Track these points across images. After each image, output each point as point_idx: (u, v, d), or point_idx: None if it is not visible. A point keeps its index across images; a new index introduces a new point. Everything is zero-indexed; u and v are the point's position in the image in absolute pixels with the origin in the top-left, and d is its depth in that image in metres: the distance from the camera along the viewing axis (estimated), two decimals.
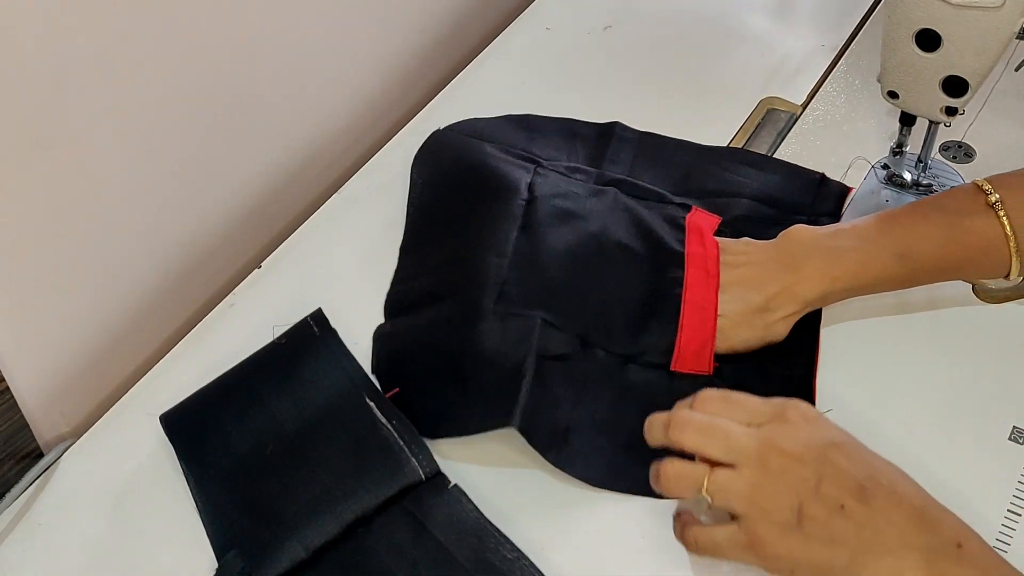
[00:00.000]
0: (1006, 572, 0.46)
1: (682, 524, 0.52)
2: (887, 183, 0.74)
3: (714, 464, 0.50)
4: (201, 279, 0.77)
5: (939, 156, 0.76)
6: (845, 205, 0.73)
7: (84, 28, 0.60)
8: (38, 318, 0.65)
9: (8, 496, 0.62)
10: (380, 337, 0.67)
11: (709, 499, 0.49)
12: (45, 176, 0.61)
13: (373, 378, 0.64)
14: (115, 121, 0.64)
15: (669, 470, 0.51)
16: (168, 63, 0.67)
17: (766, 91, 0.84)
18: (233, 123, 0.74)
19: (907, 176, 0.73)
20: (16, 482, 0.62)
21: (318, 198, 0.81)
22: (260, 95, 0.76)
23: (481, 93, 0.87)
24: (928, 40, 0.63)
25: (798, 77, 0.85)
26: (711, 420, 0.51)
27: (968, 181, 0.73)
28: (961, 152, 0.76)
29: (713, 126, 0.81)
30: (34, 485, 0.63)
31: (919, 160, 0.73)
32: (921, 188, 0.73)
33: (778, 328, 0.62)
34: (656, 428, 0.53)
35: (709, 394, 0.53)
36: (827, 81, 0.85)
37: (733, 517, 0.49)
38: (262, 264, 0.75)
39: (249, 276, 0.74)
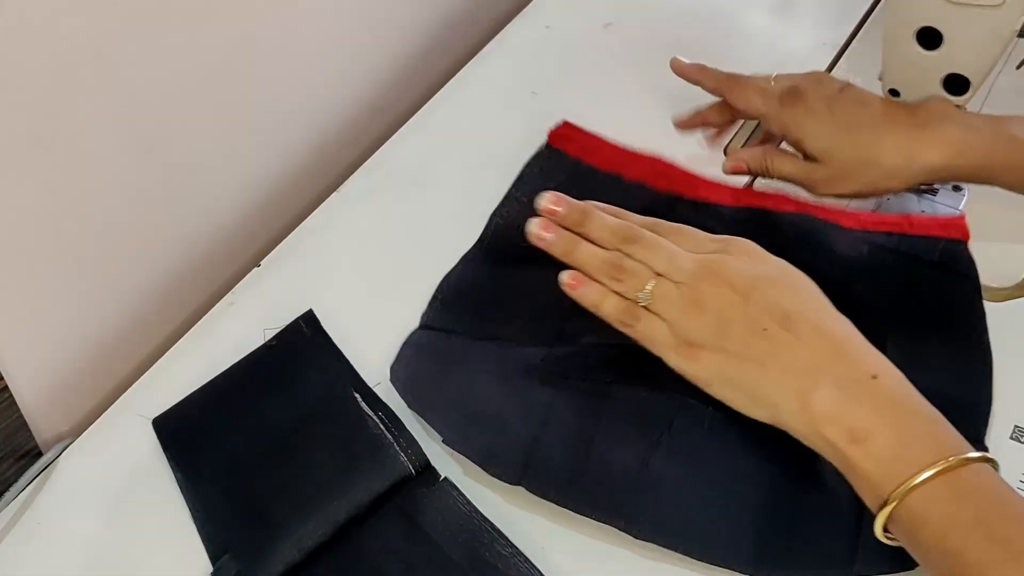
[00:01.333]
0: (917, 403, 0.48)
1: (615, 305, 0.55)
2: None
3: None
4: (200, 278, 0.77)
5: None
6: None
7: (84, 28, 0.60)
8: (37, 317, 0.65)
9: (7, 495, 0.62)
10: (419, 342, 0.66)
11: (648, 298, 0.54)
12: (45, 176, 0.61)
13: (364, 377, 0.64)
14: (115, 121, 0.64)
15: (623, 264, 0.55)
16: (168, 63, 0.67)
17: None
18: (232, 122, 0.74)
19: None
20: (15, 481, 0.62)
21: (317, 197, 0.81)
22: (259, 94, 0.76)
23: (481, 91, 0.87)
24: (929, 38, 0.63)
25: None
26: (660, 240, 0.55)
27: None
28: None
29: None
30: (33, 484, 0.63)
31: None
32: (922, 187, 0.73)
33: (889, 184, 0.59)
34: (583, 215, 0.57)
35: (664, 223, 0.57)
36: None
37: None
38: (261, 263, 0.75)
39: (248, 275, 0.74)
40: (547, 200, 0.59)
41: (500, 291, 0.68)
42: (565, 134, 0.77)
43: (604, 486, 0.56)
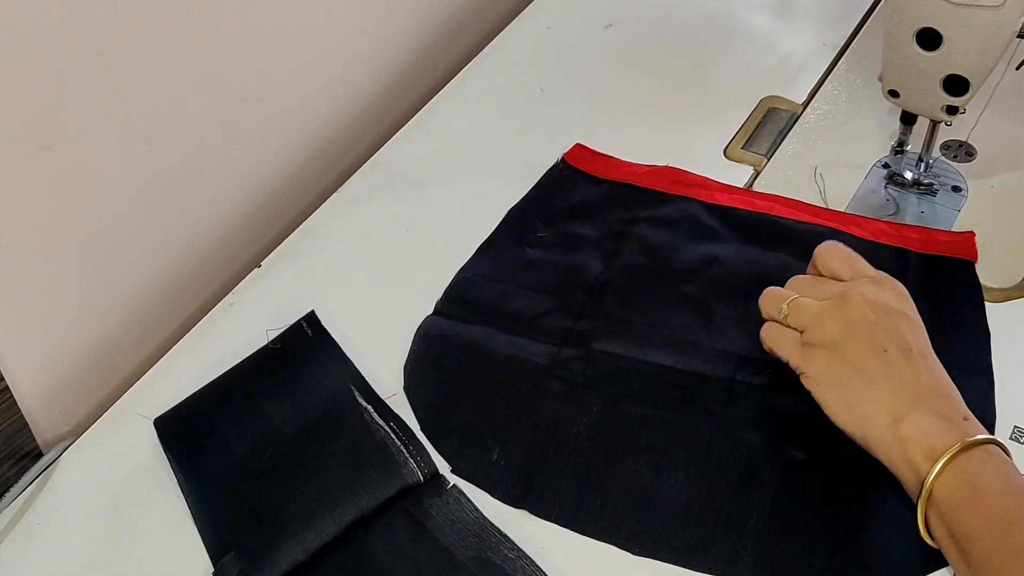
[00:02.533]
0: (998, 448, 0.50)
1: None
2: (888, 182, 0.74)
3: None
4: (201, 278, 0.76)
5: (940, 155, 0.75)
6: (846, 205, 0.73)
7: (84, 28, 0.60)
8: (38, 317, 0.65)
9: (7, 495, 0.62)
10: (429, 333, 0.66)
11: (785, 311, 0.57)
12: (45, 176, 0.61)
13: (365, 376, 0.64)
14: (115, 121, 0.64)
15: (768, 291, 0.60)
16: (168, 63, 0.67)
17: (767, 90, 0.84)
18: (233, 122, 0.74)
19: (908, 175, 0.73)
20: (15, 481, 0.62)
21: (318, 197, 0.81)
22: (260, 94, 0.76)
23: (481, 92, 0.87)
24: (929, 39, 0.63)
25: (799, 76, 0.85)
26: (822, 282, 0.59)
27: (968, 180, 0.73)
28: (962, 151, 0.76)
29: (713, 125, 0.81)
30: (33, 484, 0.63)
31: (920, 159, 0.73)
32: (922, 187, 0.73)
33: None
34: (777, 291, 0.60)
35: (830, 245, 0.60)
36: (828, 80, 0.85)
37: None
38: (262, 263, 0.74)
39: (249, 275, 0.74)
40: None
41: (512, 285, 0.69)
42: (578, 155, 0.78)
43: (613, 509, 0.56)
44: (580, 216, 0.73)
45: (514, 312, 0.67)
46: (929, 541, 0.50)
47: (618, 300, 0.66)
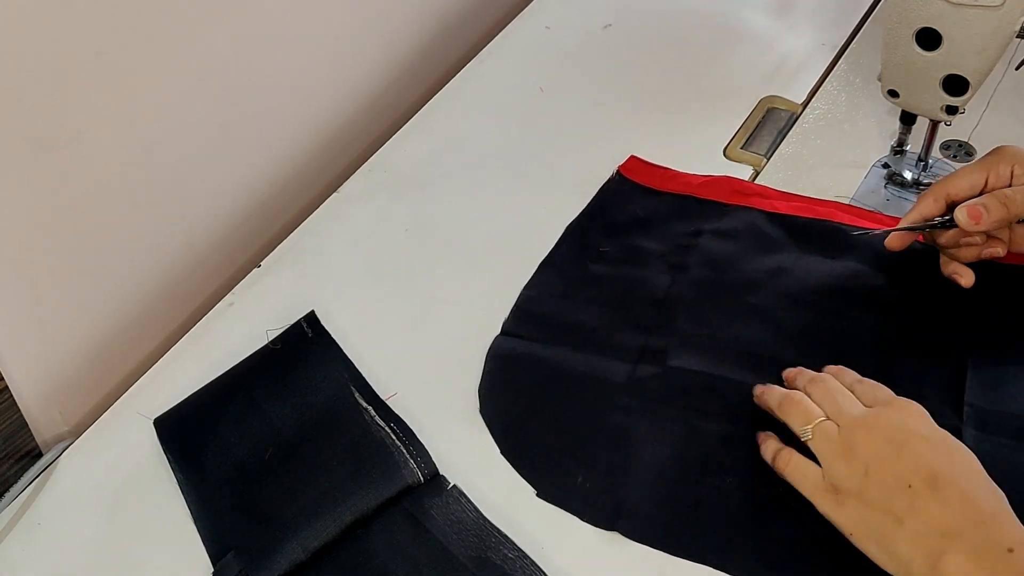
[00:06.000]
0: None
1: (776, 448, 0.57)
2: (888, 182, 0.74)
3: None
4: (200, 278, 0.76)
5: (940, 155, 0.75)
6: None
7: (84, 28, 0.60)
8: (38, 318, 0.65)
9: (7, 495, 0.62)
10: (501, 354, 0.65)
11: (810, 435, 0.55)
12: (45, 176, 0.61)
13: (365, 376, 0.64)
14: (115, 121, 0.64)
15: (796, 398, 0.57)
16: (168, 63, 0.67)
17: (766, 90, 0.84)
18: (232, 122, 0.74)
19: (908, 175, 0.73)
20: (15, 481, 0.62)
21: (317, 197, 0.81)
22: (260, 94, 0.76)
23: (481, 92, 0.87)
24: (929, 39, 0.63)
25: (798, 76, 0.85)
26: (839, 386, 0.57)
27: None
28: (962, 151, 0.76)
29: (713, 125, 0.81)
30: (33, 484, 0.63)
31: (920, 159, 0.73)
32: (922, 187, 0.73)
33: None
34: (788, 384, 0.59)
35: (867, 381, 0.58)
36: (827, 80, 0.85)
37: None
38: (261, 263, 0.74)
39: (248, 275, 0.74)
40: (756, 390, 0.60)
41: (579, 300, 0.68)
42: (634, 166, 0.78)
43: (703, 530, 0.56)
44: (641, 229, 0.72)
45: (584, 328, 0.66)
46: None
47: (688, 314, 0.65)
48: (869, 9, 0.91)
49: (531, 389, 0.63)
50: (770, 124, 0.81)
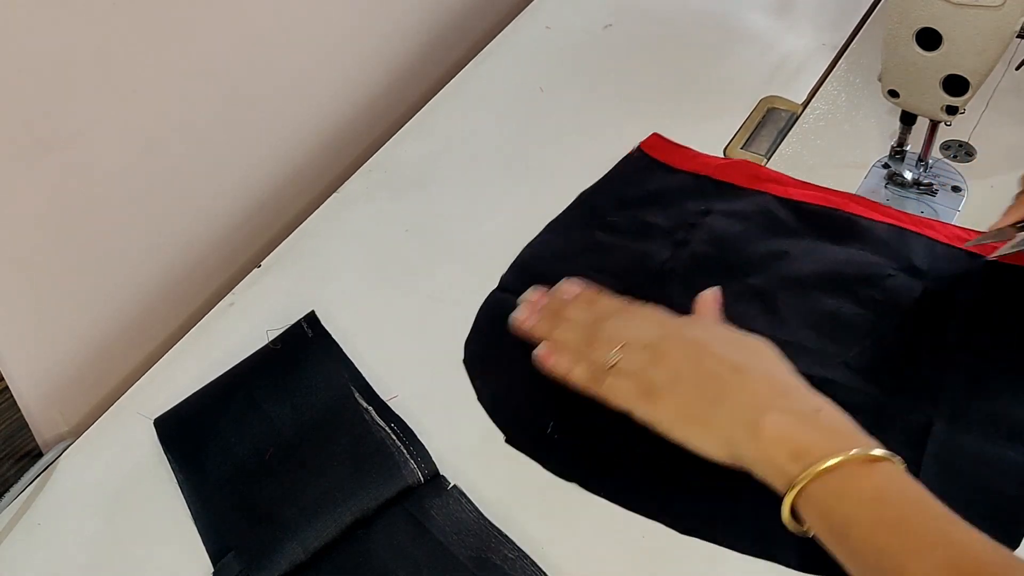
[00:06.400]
0: (856, 435, 0.51)
1: (587, 374, 0.59)
2: (888, 182, 0.74)
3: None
4: (201, 278, 0.76)
5: (940, 155, 0.75)
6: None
7: (84, 28, 0.60)
8: (38, 318, 0.65)
9: (7, 495, 0.62)
10: (492, 309, 0.67)
11: (618, 357, 0.58)
12: (45, 176, 0.61)
13: (369, 380, 0.64)
14: (115, 121, 0.64)
15: (599, 333, 0.59)
16: (167, 63, 0.67)
17: (766, 90, 0.84)
18: (232, 122, 0.74)
19: (907, 175, 0.73)
20: (15, 481, 0.62)
21: (317, 197, 0.81)
22: (260, 93, 0.76)
23: (481, 92, 0.87)
24: (929, 39, 0.63)
25: (799, 76, 0.85)
26: (632, 312, 0.61)
27: (968, 180, 0.73)
28: (962, 151, 0.76)
29: (713, 125, 0.81)
30: (33, 484, 0.63)
31: (920, 159, 0.73)
32: (922, 187, 0.73)
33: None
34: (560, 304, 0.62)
35: (635, 306, 0.61)
36: (828, 80, 0.85)
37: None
38: (262, 263, 0.74)
39: (249, 275, 0.74)
40: (530, 294, 0.65)
41: (579, 265, 0.69)
42: (655, 144, 0.78)
43: (670, 494, 0.57)
44: (653, 204, 0.73)
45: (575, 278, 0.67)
46: (792, 526, 0.51)
47: (682, 287, 0.66)
48: (869, 9, 0.91)
49: (514, 343, 0.63)
50: (770, 124, 0.81)
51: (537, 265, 0.70)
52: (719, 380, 0.55)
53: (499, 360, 0.64)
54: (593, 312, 0.62)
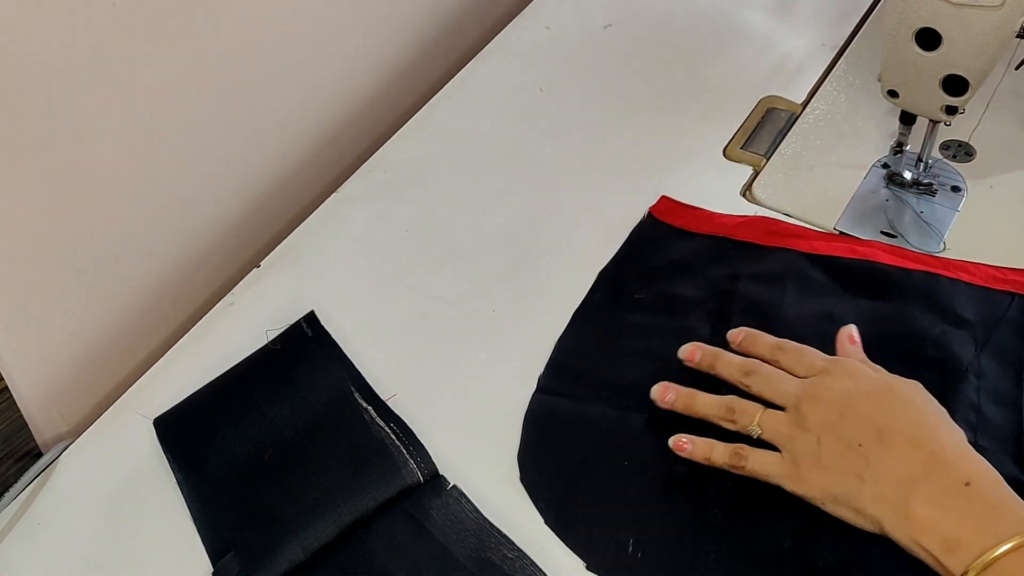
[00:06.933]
0: (1011, 509, 0.49)
1: (729, 451, 0.57)
2: (887, 182, 0.74)
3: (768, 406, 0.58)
4: (200, 278, 0.76)
5: (939, 155, 0.75)
6: (845, 205, 0.73)
7: (84, 28, 0.60)
8: (37, 318, 0.65)
9: (7, 495, 0.62)
10: (540, 417, 0.62)
11: (759, 430, 0.57)
12: (45, 176, 0.61)
13: (368, 380, 0.64)
14: (114, 121, 0.64)
15: (734, 403, 0.58)
16: (167, 62, 0.67)
17: (766, 90, 0.84)
18: (232, 122, 0.74)
19: (907, 175, 0.73)
20: (15, 481, 0.62)
21: (317, 197, 0.81)
22: (259, 93, 0.76)
23: (480, 92, 0.87)
24: (928, 39, 0.63)
25: (798, 76, 0.85)
26: (773, 370, 0.59)
27: (968, 180, 0.73)
28: (961, 151, 0.76)
29: (713, 125, 0.81)
30: (33, 484, 0.63)
31: (919, 159, 0.73)
32: (921, 187, 0.73)
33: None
34: (714, 358, 0.61)
35: (788, 344, 0.60)
36: (827, 80, 0.85)
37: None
38: (261, 263, 0.74)
39: (248, 275, 0.74)
40: (685, 352, 0.63)
41: (618, 352, 0.65)
42: (665, 208, 0.74)
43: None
44: (677, 274, 0.69)
45: (625, 383, 0.63)
46: None
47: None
48: (869, 9, 0.91)
49: (574, 453, 0.60)
50: (770, 124, 0.81)
51: (573, 362, 0.65)
52: (860, 452, 0.52)
53: (561, 473, 0.59)
54: (742, 367, 0.60)
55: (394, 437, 0.60)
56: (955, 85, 0.64)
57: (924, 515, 0.49)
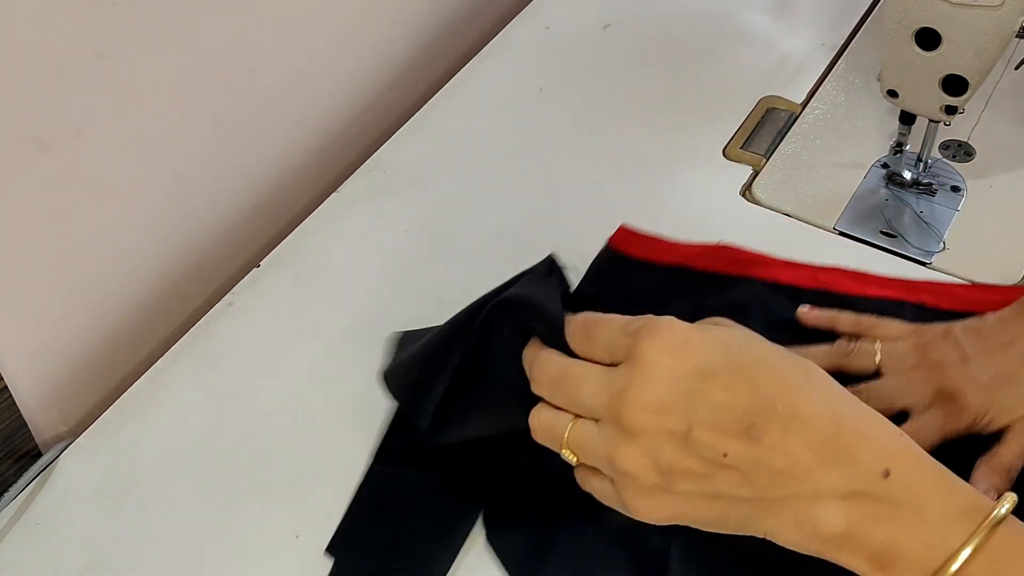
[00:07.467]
0: (955, 500, 0.37)
1: (584, 474, 0.45)
2: (887, 182, 0.74)
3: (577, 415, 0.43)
4: (200, 278, 0.76)
5: (939, 155, 0.75)
6: (845, 205, 0.73)
7: (84, 28, 0.60)
8: (37, 317, 0.65)
9: (6, 495, 0.62)
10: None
11: (573, 459, 0.43)
12: (45, 176, 0.61)
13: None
14: (115, 121, 0.64)
15: (536, 421, 0.44)
16: (167, 62, 0.67)
17: (765, 90, 0.84)
18: (232, 122, 0.74)
19: (907, 175, 0.74)
20: (14, 481, 0.62)
21: (317, 197, 0.81)
22: (259, 93, 0.76)
23: (480, 92, 0.87)
24: (928, 39, 0.63)
25: (798, 76, 0.85)
26: (566, 367, 0.43)
27: (967, 180, 0.73)
28: (961, 151, 0.76)
29: (713, 125, 0.81)
30: (32, 484, 0.63)
31: (919, 159, 0.73)
32: (921, 187, 0.73)
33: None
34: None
35: (575, 325, 0.45)
36: (827, 80, 0.85)
37: None
38: (261, 263, 0.74)
39: (248, 275, 0.74)
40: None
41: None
42: (625, 238, 0.71)
43: None
44: (638, 308, 0.64)
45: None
46: None
47: None
48: (869, 9, 0.91)
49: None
50: (769, 124, 0.81)
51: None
52: (729, 465, 0.38)
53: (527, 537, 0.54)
54: (545, 384, 0.45)
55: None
56: (955, 85, 0.64)
57: (835, 527, 0.37)
